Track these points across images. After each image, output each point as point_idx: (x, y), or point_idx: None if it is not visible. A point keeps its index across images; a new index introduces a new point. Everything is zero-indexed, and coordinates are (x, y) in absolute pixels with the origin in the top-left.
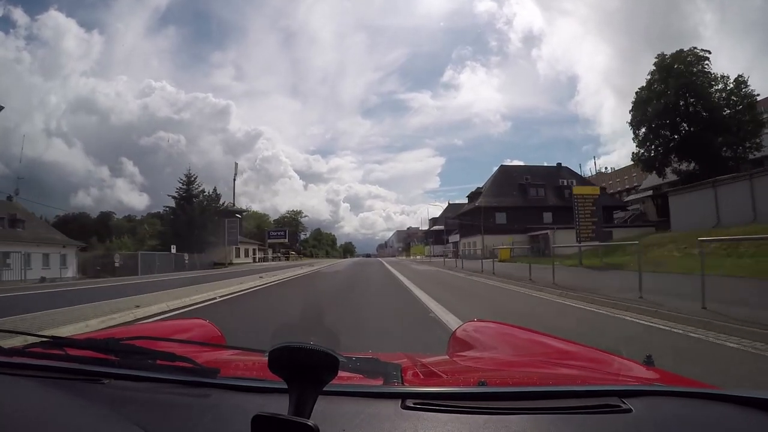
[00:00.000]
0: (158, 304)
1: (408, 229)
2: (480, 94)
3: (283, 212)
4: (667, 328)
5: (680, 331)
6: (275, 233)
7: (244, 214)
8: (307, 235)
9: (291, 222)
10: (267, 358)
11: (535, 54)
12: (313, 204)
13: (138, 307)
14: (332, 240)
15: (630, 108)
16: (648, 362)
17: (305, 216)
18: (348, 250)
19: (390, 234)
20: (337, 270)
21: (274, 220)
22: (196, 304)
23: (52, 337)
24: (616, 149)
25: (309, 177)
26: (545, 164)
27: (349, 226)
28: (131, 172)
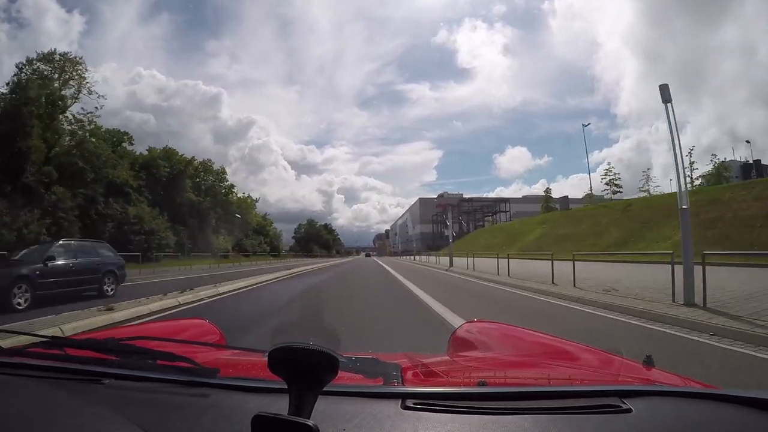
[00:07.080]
0: None
1: (441, 196)
2: (480, 85)
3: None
4: None
5: None
6: None
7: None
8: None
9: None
10: (267, 358)
11: (545, 31)
12: (304, 194)
13: None
14: (245, 209)
15: None
16: (648, 362)
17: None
18: (323, 243)
19: (387, 226)
20: None
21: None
22: None
23: (52, 337)
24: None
25: (303, 168)
26: None
27: (343, 218)
28: None
